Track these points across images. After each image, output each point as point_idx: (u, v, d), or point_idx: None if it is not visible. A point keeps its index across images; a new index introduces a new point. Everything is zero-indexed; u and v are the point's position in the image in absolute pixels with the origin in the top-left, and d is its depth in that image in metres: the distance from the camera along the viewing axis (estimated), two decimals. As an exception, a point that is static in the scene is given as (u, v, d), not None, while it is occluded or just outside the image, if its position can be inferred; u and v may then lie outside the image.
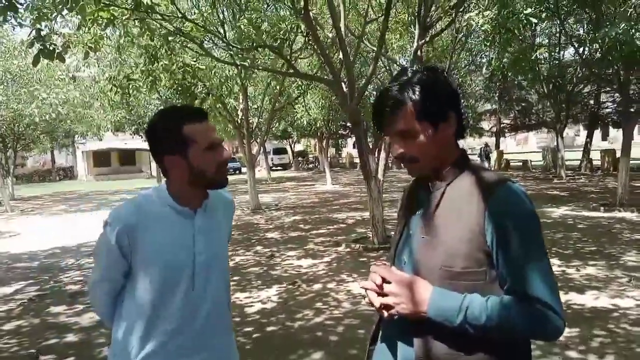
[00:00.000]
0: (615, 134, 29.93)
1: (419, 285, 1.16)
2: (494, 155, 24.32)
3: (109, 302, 1.51)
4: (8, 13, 4.52)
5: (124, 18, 6.50)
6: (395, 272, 1.21)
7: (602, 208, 10.16)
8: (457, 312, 1.10)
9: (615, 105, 21.82)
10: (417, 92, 1.19)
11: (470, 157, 1.29)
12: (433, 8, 8.72)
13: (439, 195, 1.22)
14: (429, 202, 1.24)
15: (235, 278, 6.08)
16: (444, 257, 1.15)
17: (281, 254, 7.45)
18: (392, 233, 1.43)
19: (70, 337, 4.34)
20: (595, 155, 21.62)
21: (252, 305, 4.99)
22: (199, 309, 1.47)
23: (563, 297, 4.68)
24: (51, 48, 5.38)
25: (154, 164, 30.69)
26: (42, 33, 5.37)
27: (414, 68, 1.26)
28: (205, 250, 1.48)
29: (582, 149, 22.54)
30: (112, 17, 6.14)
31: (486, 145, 23.32)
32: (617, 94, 18.20)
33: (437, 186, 1.24)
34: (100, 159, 38.21)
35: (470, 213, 1.14)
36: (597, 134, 30.07)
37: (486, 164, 20.59)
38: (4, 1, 4.39)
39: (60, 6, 5.58)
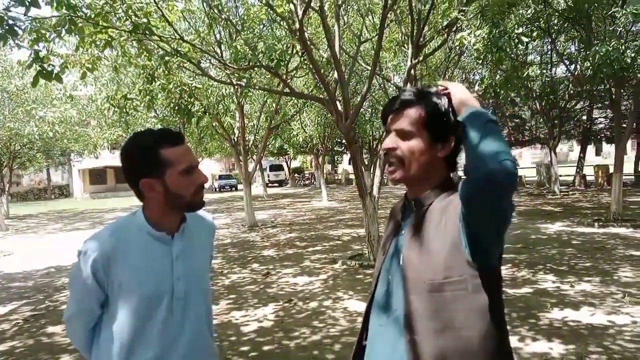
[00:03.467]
0: (609, 149, 30.18)
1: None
2: (553, 168, 21.14)
3: (86, 334, 1.47)
4: (8, 36, 4.59)
5: (121, 39, 6.59)
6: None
7: (596, 223, 10.22)
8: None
9: (608, 121, 22.07)
10: (433, 105, 1.27)
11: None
12: (426, 28, 8.88)
13: (422, 213, 1.27)
14: (413, 220, 1.30)
15: (231, 296, 6.07)
16: (428, 270, 1.19)
17: (277, 271, 7.44)
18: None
19: (65, 358, 4.31)
20: (588, 171, 21.76)
21: (248, 324, 4.98)
22: (179, 336, 1.45)
23: (559, 314, 4.72)
24: (50, 69, 5.46)
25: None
26: (40, 54, 5.45)
27: (431, 87, 1.33)
28: (184, 276, 1.46)
29: (575, 164, 22.71)
30: (110, 39, 6.23)
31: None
32: (609, 110, 18.44)
33: (421, 204, 1.30)
34: (96, 176, 38.18)
35: (448, 224, 1.19)
36: (591, 149, 30.32)
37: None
38: (5, 25, 4.46)
39: (58, 28, 5.69)
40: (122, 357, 1.40)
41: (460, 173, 1.35)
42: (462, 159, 1.30)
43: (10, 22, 4.54)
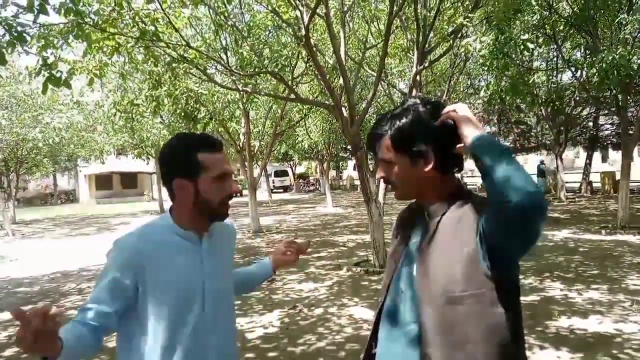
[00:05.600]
0: (615, 155, 30.00)
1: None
2: (559, 174, 19.43)
3: (82, 333, 1.31)
4: (16, 43, 4.64)
5: (129, 46, 6.63)
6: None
7: (603, 231, 10.15)
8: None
9: (614, 127, 21.95)
10: (395, 127, 1.27)
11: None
12: (431, 34, 8.89)
13: (434, 224, 1.26)
14: (425, 231, 1.28)
15: (236, 302, 6.02)
16: (444, 283, 1.17)
17: (282, 277, 7.43)
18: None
19: (71, 364, 4.31)
20: (595, 177, 21.63)
21: (253, 331, 4.97)
22: (210, 336, 1.48)
23: (566, 322, 4.68)
24: (58, 75, 5.50)
25: (155, 187, 30.73)
26: (48, 61, 5.49)
27: (410, 100, 1.31)
28: (214, 274, 1.51)
29: (581, 171, 22.58)
30: (117, 45, 6.27)
31: (542, 162, 21.70)
32: (615, 117, 18.35)
33: (433, 215, 1.28)
34: (102, 182, 38.33)
35: (464, 236, 1.18)
36: (597, 155, 30.16)
37: (544, 182, 19.61)
38: (13, 32, 4.51)
39: (66, 34, 5.74)
40: (158, 356, 1.41)
41: (463, 176, 1.33)
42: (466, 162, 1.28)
43: (19, 28, 4.59)
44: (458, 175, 1.36)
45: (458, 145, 1.22)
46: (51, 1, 4.47)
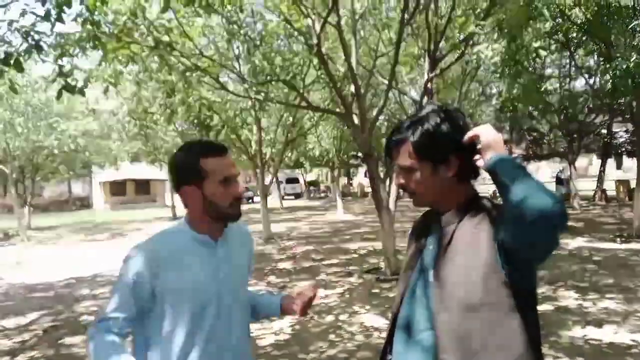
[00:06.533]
0: (630, 163, 29.61)
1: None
2: (572, 182, 18.71)
3: (114, 341, 1.41)
4: (33, 51, 4.74)
5: (143, 55, 6.74)
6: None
7: (618, 239, 10.00)
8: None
9: (629, 134, 21.68)
10: (419, 133, 1.26)
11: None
12: (442, 42, 8.89)
13: (451, 232, 1.26)
14: (441, 238, 1.28)
15: (247, 309, 6.07)
16: (461, 290, 1.18)
17: (293, 284, 7.43)
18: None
19: (84, 368, 4.36)
20: (609, 185, 21.35)
21: (264, 337, 4.97)
22: (225, 341, 1.50)
23: (580, 332, 4.62)
24: (73, 83, 5.60)
25: (168, 194, 30.97)
26: (64, 69, 5.60)
27: (429, 106, 1.32)
28: (229, 279, 1.53)
29: (595, 178, 22.30)
30: (132, 54, 6.38)
31: (561, 170, 21.19)
32: (629, 124, 18.13)
33: (449, 222, 1.29)
34: (116, 188, 38.71)
35: (481, 244, 1.18)
36: (611, 163, 29.76)
37: (563, 190, 19.28)
38: (30, 40, 4.61)
39: (82, 43, 5.85)
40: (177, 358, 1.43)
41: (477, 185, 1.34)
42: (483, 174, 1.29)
43: (36, 37, 4.70)
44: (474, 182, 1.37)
45: (476, 157, 1.23)
46: (68, 10, 4.56)
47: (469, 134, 1.23)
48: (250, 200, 34.63)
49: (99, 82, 7.22)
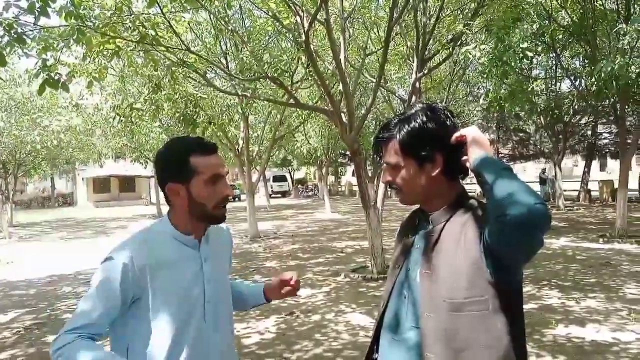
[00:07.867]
0: (613, 164, 30.07)
1: None
2: (557, 182, 18.77)
3: (92, 346, 1.30)
4: (15, 44, 4.64)
5: (129, 49, 6.64)
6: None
7: (601, 239, 10.14)
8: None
9: (613, 136, 22.01)
10: (405, 131, 1.27)
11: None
12: (431, 42, 8.93)
13: (438, 230, 1.26)
14: (428, 237, 1.28)
15: (233, 308, 6.03)
16: (447, 289, 1.18)
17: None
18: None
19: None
20: (593, 186, 21.67)
21: (249, 336, 4.94)
22: (211, 341, 1.46)
23: (563, 330, 4.67)
24: (56, 78, 5.49)
25: (153, 191, 30.69)
26: (48, 63, 5.49)
27: (417, 105, 1.33)
28: (213, 279, 1.49)
29: (580, 179, 22.61)
30: (117, 49, 6.28)
31: (543, 170, 21.74)
32: (613, 126, 18.41)
33: (436, 221, 1.29)
34: (100, 185, 38.28)
35: (468, 243, 1.18)
36: (595, 164, 30.21)
37: (547, 189, 19.73)
38: (13, 33, 4.51)
39: (66, 37, 5.74)
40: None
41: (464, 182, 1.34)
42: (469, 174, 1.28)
43: (19, 30, 4.60)
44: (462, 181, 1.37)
45: (463, 158, 1.24)
46: (52, 4, 4.46)
47: (456, 134, 1.24)
48: (236, 199, 34.49)
49: (83, 76, 7.09)
